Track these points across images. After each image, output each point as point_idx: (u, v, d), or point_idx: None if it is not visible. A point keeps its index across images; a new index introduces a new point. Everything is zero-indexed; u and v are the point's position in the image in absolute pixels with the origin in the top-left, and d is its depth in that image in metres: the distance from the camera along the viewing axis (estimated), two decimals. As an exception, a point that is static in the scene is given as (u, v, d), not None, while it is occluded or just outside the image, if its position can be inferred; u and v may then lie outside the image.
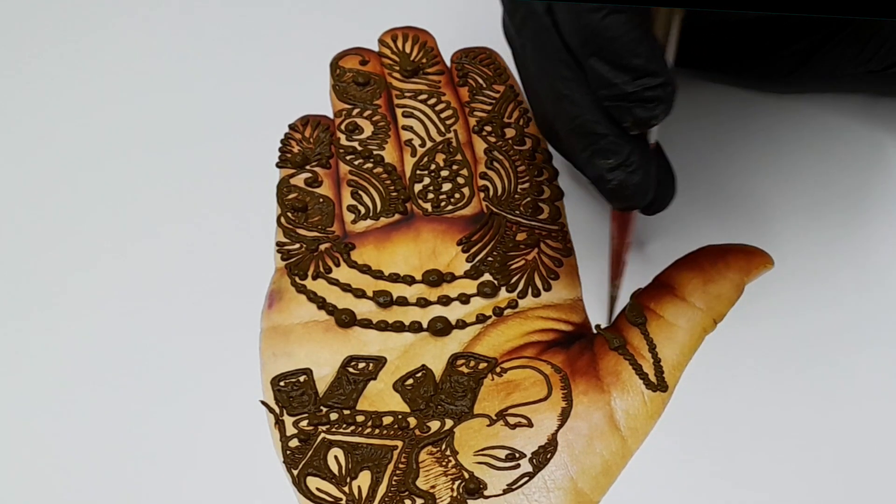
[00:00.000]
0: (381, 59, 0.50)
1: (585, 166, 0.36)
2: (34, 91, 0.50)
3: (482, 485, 0.38)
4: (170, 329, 0.42)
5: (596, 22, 0.33)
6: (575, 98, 0.35)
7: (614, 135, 0.35)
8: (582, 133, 0.35)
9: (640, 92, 0.34)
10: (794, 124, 0.47)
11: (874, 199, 0.45)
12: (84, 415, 0.40)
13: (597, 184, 0.36)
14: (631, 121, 0.34)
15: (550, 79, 0.36)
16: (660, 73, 0.34)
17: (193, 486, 0.38)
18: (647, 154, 0.36)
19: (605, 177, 0.35)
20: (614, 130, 0.35)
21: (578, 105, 0.35)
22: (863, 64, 0.44)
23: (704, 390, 0.40)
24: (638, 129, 0.35)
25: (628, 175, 0.35)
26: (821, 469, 0.38)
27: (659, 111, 0.34)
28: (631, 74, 0.34)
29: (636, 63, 0.33)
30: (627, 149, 0.35)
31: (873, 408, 0.39)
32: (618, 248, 0.39)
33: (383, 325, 0.42)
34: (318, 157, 0.47)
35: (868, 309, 0.42)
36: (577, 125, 0.35)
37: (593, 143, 0.35)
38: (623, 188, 0.36)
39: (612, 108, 0.34)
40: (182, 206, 0.46)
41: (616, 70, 0.34)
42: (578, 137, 0.36)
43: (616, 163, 0.35)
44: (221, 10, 0.52)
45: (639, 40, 0.33)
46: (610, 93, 0.34)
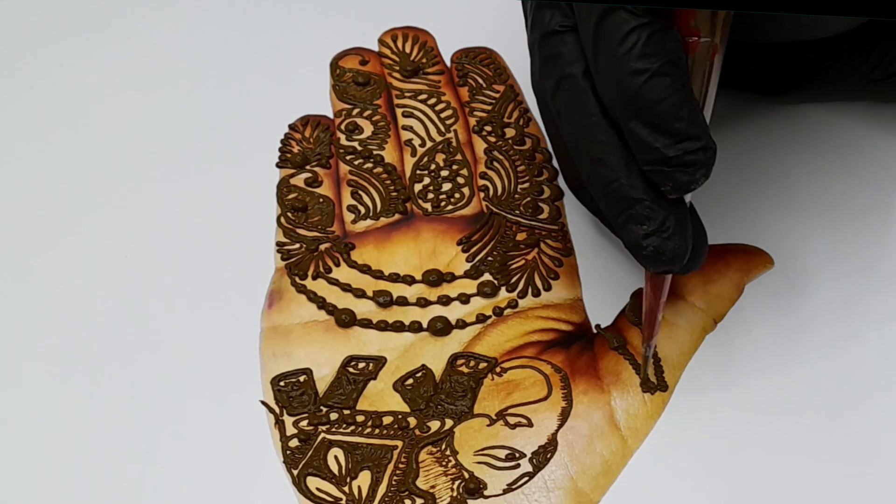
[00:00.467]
0: (381, 59, 0.50)
1: (620, 231, 0.35)
2: (34, 91, 0.50)
3: (482, 485, 0.38)
4: (170, 329, 0.42)
5: (638, 85, 0.33)
6: (610, 162, 0.35)
7: (650, 200, 0.35)
8: (617, 198, 0.35)
9: (682, 156, 0.33)
10: (796, 127, 0.47)
11: (874, 202, 0.45)
12: (83, 414, 0.40)
13: (632, 250, 0.35)
14: (671, 185, 0.34)
15: (586, 143, 0.35)
16: (701, 137, 0.33)
17: (193, 486, 0.38)
18: (685, 218, 0.36)
19: (641, 243, 0.35)
20: (651, 195, 0.35)
21: (614, 169, 0.35)
22: (865, 75, 0.44)
23: (704, 390, 0.40)
24: (677, 193, 0.34)
25: (664, 241, 0.35)
26: (821, 468, 0.38)
27: (700, 175, 0.34)
28: (672, 139, 0.33)
29: (678, 127, 0.33)
30: (663, 214, 0.35)
31: (874, 407, 0.39)
32: (653, 307, 0.38)
33: (383, 324, 0.42)
34: (318, 157, 0.47)
35: (868, 308, 0.42)
36: (612, 190, 0.35)
37: (628, 207, 0.35)
38: (659, 255, 0.35)
39: (652, 173, 0.34)
40: (182, 205, 0.46)
41: (657, 134, 0.33)
42: (613, 202, 0.35)
43: (651, 229, 0.35)
44: (221, 10, 0.52)
45: (680, 104, 0.33)
46: (651, 157, 0.34)
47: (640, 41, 0.33)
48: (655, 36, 0.33)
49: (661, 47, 0.33)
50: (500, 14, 0.51)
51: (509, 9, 0.51)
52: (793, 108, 0.47)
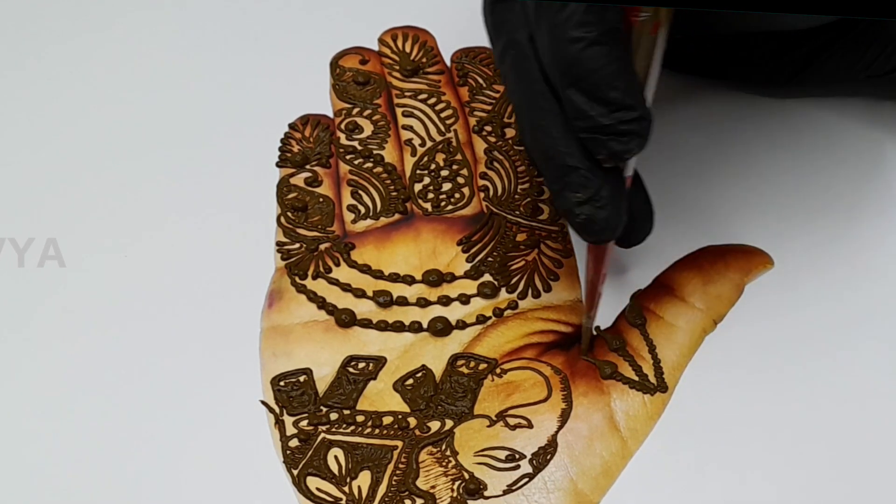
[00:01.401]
0: (381, 58, 0.50)
1: (556, 198, 0.36)
2: (34, 91, 0.50)
3: (482, 485, 0.38)
4: (170, 329, 0.42)
5: (576, 53, 0.33)
6: (549, 129, 0.35)
7: (586, 168, 0.35)
8: (554, 165, 0.35)
9: (616, 125, 0.33)
10: (795, 126, 0.47)
11: (874, 201, 0.45)
12: (83, 414, 0.40)
13: (565, 216, 0.36)
14: (605, 154, 0.34)
15: (528, 109, 0.36)
16: (636, 107, 0.33)
17: (193, 486, 0.38)
18: (620, 189, 0.36)
19: (574, 210, 0.35)
20: (586, 164, 0.35)
21: (553, 137, 0.35)
22: (863, 69, 0.44)
23: (704, 390, 0.40)
24: (612, 162, 0.34)
25: (596, 210, 0.35)
26: (821, 468, 0.38)
27: (634, 145, 0.34)
28: (608, 107, 0.33)
29: (613, 96, 0.33)
30: (598, 183, 0.35)
31: (873, 407, 0.39)
32: (593, 279, 0.38)
33: (383, 325, 0.42)
34: (318, 157, 0.47)
35: (868, 309, 0.42)
36: (549, 156, 0.35)
37: (564, 175, 0.35)
38: (590, 223, 0.35)
39: (588, 141, 0.34)
40: (182, 205, 0.46)
41: (593, 102, 0.33)
42: (550, 169, 0.35)
43: (585, 197, 0.35)
44: (221, 10, 0.52)
45: (617, 73, 0.33)
46: (586, 124, 0.34)
47: (580, 9, 0.33)
48: (595, 6, 0.33)
49: (599, 17, 0.33)
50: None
51: (509, 8, 0.51)
52: (790, 106, 0.47)
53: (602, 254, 0.38)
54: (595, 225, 0.35)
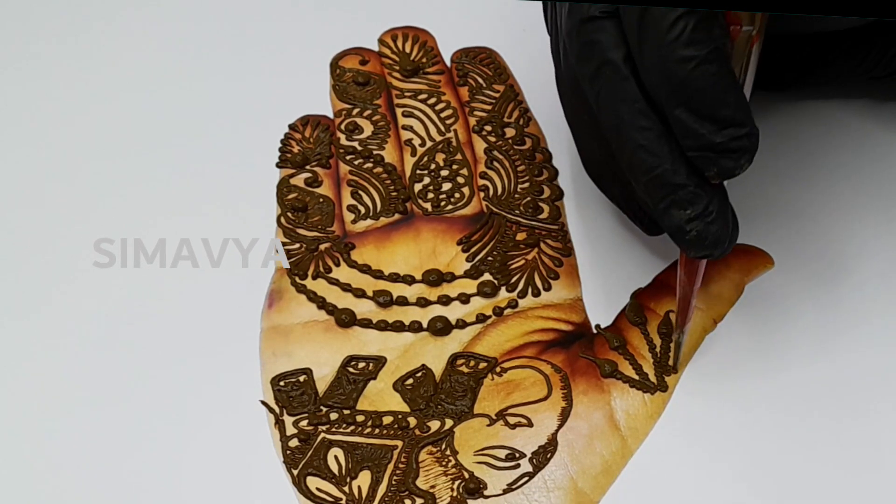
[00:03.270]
0: (381, 58, 0.50)
1: (662, 216, 0.36)
2: (33, 90, 0.50)
3: (482, 484, 0.38)
4: (170, 329, 0.42)
5: (685, 72, 0.33)
6: (653, 148, 0.35)
7: (694, 185, 0.35)
8: (660, 184, 0.35)
9: (728, 142, 0.34)
10: (796, 127, 0.47)
11: (874, 201, 0.45)
12: (83, 414, 0.40)
13: (674, 234, 0.36)
14: (715, 170, 0.34)
15: (628, 129, 0.35)
16: (746, 123, 0.34)
17: (193, 486, 0.38)
18: (725, 203, 0.36)
19: (684, 228, 0.35)
20: (694, 181, 0.35)
21: (657, 155, 0.35)
22: (866, 72, 0.44)
23: (704, 391, 0.40)
24: (721, 178, 0.35)
25: (707, 226, 0.35)
26: (821, 468, 0.38)
27: (745, 160, 0.34)
28: (718, 125, 0.34)
29: (724, 113, 0.34)
30: (706, 199, 0.35)
31: (873, 407, 0.39)
32: (687, 294, 0.39)
33: (383, 324, 0.42)
34: (318, 157, 0.47)
35: (868, 309, 0.42)
36: (654, 175, 0.35)
37: (671, 193, 0.35)
38: (702, 239, 0.35)
39: (697, 159, 0.34)
40: (182, 205, 0.46)
41: (703, 120, 0.34)
42: (655, 188, 0.35)
43: (694, 213, 0.35)
44: (221, 10, 0.52)
45: (727, 90, 0.34)
46: (696, 143, 0.34)
47: (688, 28, 0.33)
48: (702, 23, 0.33)
49: (707, 34, 0.33)
50: (500, 14, 0.51)
51: (509, 9, 0.51)
52: (792, 106, 0.47)
53: (696, 268, 0.38)
54: (706, 240, 0.35)
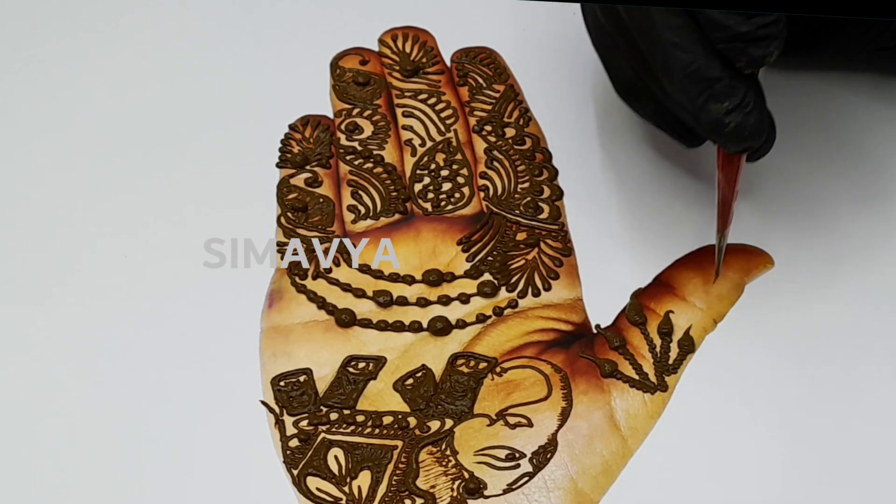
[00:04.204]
0: (381, 58, 0.50)
1: (701, 112, 0.37)
2: (33, 90, 0.50)
3: (482, 485, 0.38)
4: (169, 329, 0.42)
5: None
6: (686, 45, 0.36)
7: (729, 77, 0.36)
8: (696, 79, 0.36)
9: (755, 30, 0.35)
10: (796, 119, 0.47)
11: (876, 193, 0.44)
12: (83, 414, 0.40)
13: (714, 128, 0.37)
14: (745, 60, 0.36)
15: (659, 29, 0.37)
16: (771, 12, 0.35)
17: (193, 486, 0.38)
18: (761, 94, 0.37)
19: (723, 120, 0.36)
20: (728, 73, 0.36)
21: (691, 51, 0.36)
22: (872, 41, 0.44)
23: (704, 390, 0.40)
24: (752, 68, 0.36)
25: (745, 116, 0.36)
26: (821, 468, 0.38)
27: (774, 47, 0.35)
28: (744, 15, 0.35)
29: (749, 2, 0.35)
30: (742, 90, 0.36)
31: (874, 407, 0.39)
32: (727, 197, 0.39)
33: (383, 324, 0.42)
34: (318, 157, 0.47)
35: (869, 308, 0.42)
36: (690, 72, 0.36)
37: (708, 87, 0.36)
38: (741, 130, 0.36)
39: (727, 50, 0.36)
40: (182, 205, 0.46)
41: (729, 11, 0.35)
42: (692, 84, 0.36)
43: (732, 105, 0.36)
44: (221, 10, 0.52)
45: None
46: (725, 34, 0.35)
47: None
48: None
49: None
50: (500, 14, 0.51)
51: (509, 9, 0.51)
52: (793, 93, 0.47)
53: (737, 169, 0.39)
54: (745, 130, 0.36)
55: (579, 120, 0.47)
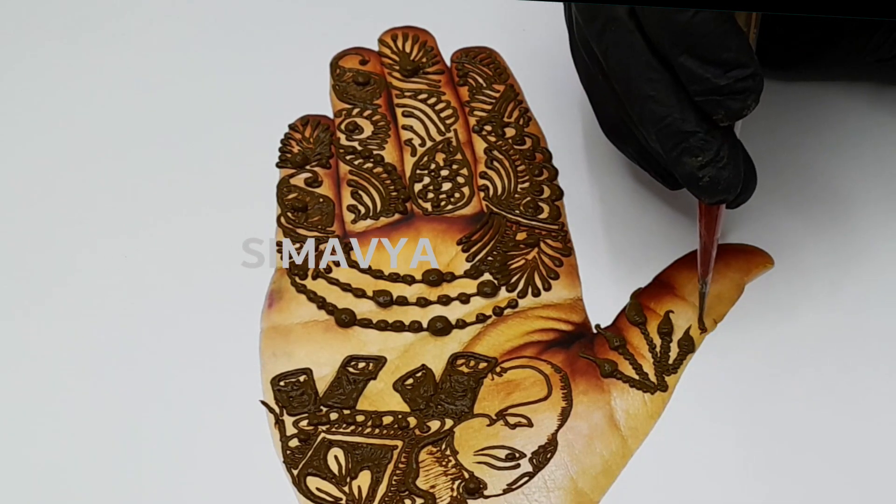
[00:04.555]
0: (381, 58, 0.50)
1: (675, 165, 0.37)
2: (33, 90, 0.50)
3: (482, 484, 0.38)
4: (169, 329, 0.42)
5: (685, 20, 0.35)
6: (662, 98, 0.36)
7: (703, 131, 0.36)
8: (670, 132, 0.36)
9: (733, 84, 0.35)
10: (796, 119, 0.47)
11: (877, 195, 0.44)
12: (83, 415, 0.40)
13: (688, 182, 0.37)
14: (723, 113, 0.36)
15: (637, 81, 0.37)
16: (749, 64, 0.35)
17: (193, 486, 0.38)
18: (736, 147, 0.37)
19: (696, 174, 0.37)
20: (703, 127, 0.36)
21: (666, 105, 0.36)
22: (872, 52, 0.44)
23: (704, 390, 0.40)
24: (729, 120, 0.36)
25: (719, 171, 0.36)
26: (822, 468, 0.38)
27: (751, 101, 0.36)
28: (722, 68, 0.35)
29: (727, 56, 0.35)
30: (717, 144, 0.36)
31: (874, 407, 0.39)
32: (708, 245, 0.40)
33: (383, 324, 0.42)
34: (318, 157, 0.47)
35: (869, 308, 0.42)
36: (665, 125, 0.36)
37: (683, 140, 0.36)
38: (715, 184, 0.37)
39: (704, 103, 0.36)
40: (182, 205, 0.46)
41: (707, 65, 0.35)
42: (667, 137, 0.37)
43: (706, 159, 0.36)
44: (221, 10, 0.52)
45: (728, 34, 0.35)
46: (702, 87, 0.35)
47: None
48: None
49: None
50: (500, 14, 0.51)
51: (509, 9, 0.51)
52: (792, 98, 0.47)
53: (716, 218, 0.39)
54: (720, 184, 0.37)
55: (579, 120, 0.47)
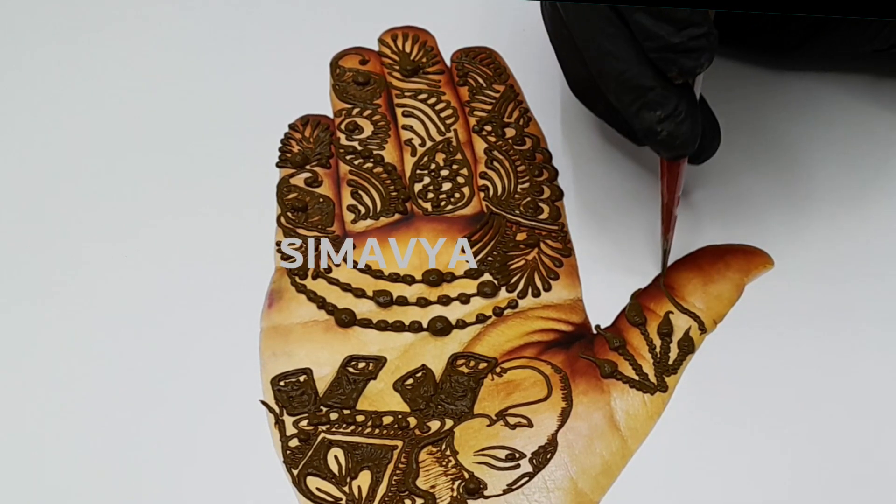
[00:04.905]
0: (381, 58, 0.50)
1: (634, 119, 0.37)
2: (33, 91, 0.50)
3: (482, 485, 0.38)
4: (170, 329, 0.42)
5: None
6: (620, 54, 0.37)
7: (661, 87, 0.37)
8: (629, 87, 0.37)
9: (686, 42, 0.36)
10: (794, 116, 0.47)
11: (876, 191, 0.44)
12: (83, 415, 0.40)
13: (646, 136, 0.38)
14: (677, 70, 0.36)
15: (598, 37, 0.37)
16: (703, 24, 0.36)
17: (193, 485, 0.38)
18: (695, 103, 0.38)
19: (655, 128, 0.37)
20: (661, 83, 0.37)
21: (624, 60, 0.37)
22: (867, 42, 0.44)
23: (704, 391, 0.40)
24: (683, 78, 0.37)
25: (677, 126, 0.37)
26: (822, 468, 0.38)
27: (704, 59, 0.36)
28: (676, 26, 0.36)
29: (680, 15, 0.35)
30: (675, 100, 0.37)
31: (874, 406, 0.39)
32: (668, 203, 0.40)
33: (383, 324, 0.42)
34: (318, 157, 0.47)
35: (869, 307, 0.42)
36: (623, 80, 0.37)
37: (641, 96, 0.37)
38: (673, 138, 0.37)
39: (658, 60, 0.36)
40: (182, 205, 0.46)
41: (661, 22, 0.36)
42: (626, 92, 0.37)
43: (664, 114, 0.37)
44: (221, 10, 0.52)
45: None
46: (657, 44, 0.36)
47: None
48: None
49: None
50: (500, 14, 0.51)
51: (509, 9, 0.51)
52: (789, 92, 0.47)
53: (676, 176, 0.39)
54: (677, 139, 0.37)
55: (579, 120, 0.47)
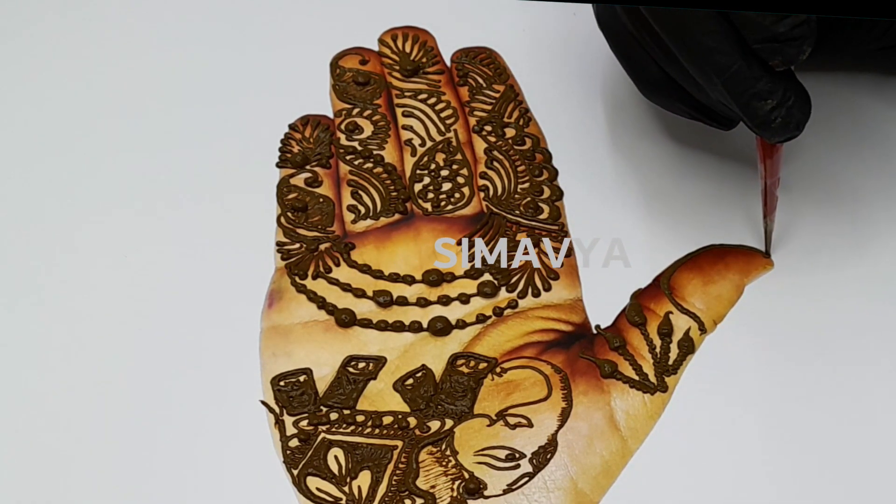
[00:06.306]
0: (381, 58, 0.50)
1: (745, 110, 0.38)
2: (33, 91, 0.50)
3: (482, 485, 0.38)
4: (169, 329, 0.42)
5: None
6: (725, 48, 0.38)
7: (767, 76, 0.38)
8: (738, 80, 0.38)
9: (789, 31, 0.37)
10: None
11: (879, 192, 0.44)
12: (83, 415, 0.40)
13: (761, 125, 0.38)
14: (780, 59, 0.37)
15: (695, 35, 0.38)
16: None
17: (193, 485, 0.38)
18: (799, 85, 0.39)
19: (769, 117, 0.38)
20: (766, 73, 0.38)
21: (729, 54, 0.38)
22: (875, 40, 0.44)
23: (704, 391, 0.40)
24: (785, 66, 0.38)
25: (788, 111, 0.38)
26: (821, 468, 0.38)
27: (807, 45, 0.37)
28: (777, 16, 0.37)
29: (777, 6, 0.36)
30: (782, 87, 0.38)
31: (874, 407, 0.39)
32: (771, 185, 0.41)
33: (383, 324, 0.42)
34: (318, 157, 0.47)
35: (869, 308, 0.42)
36: (731, 74, 0.38)
37: (750, 87, 0.38)
38: (787, 124, 0.38)
39: (762, 50, 0.37)
40: (182, 205, 0.46)
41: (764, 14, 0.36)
42: (735, 85, 0.38)
43: (775, 101, 0.38)
44: (222, 10, 0.52)
45: None
46: (761, 35, 0.37)
47: None
48: None
49: None
50: (500, 14, 0.51)
51: (509, 9, 0.51)
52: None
53: (778, 158, 0.41)
54: (791, 124, 0.38)
55: (580, 120, 0.47)
